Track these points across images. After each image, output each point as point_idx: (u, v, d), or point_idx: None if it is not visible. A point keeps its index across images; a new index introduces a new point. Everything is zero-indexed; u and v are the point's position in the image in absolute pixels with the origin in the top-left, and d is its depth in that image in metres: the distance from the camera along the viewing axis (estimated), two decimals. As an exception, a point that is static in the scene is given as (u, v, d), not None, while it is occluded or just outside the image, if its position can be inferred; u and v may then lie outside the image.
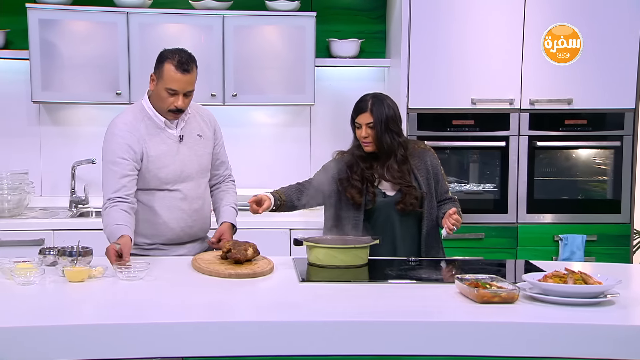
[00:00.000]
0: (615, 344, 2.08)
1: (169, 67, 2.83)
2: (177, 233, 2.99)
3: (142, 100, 2.98)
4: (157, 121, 2.93)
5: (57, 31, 4.15)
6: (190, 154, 2.99)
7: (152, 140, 2.91)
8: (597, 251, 4.20)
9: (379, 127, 3.04)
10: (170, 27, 4.25)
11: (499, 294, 2.27)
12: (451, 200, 3.19)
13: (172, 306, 2.28)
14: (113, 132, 2.90)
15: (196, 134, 3.02)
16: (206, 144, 3.05)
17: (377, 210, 3.10)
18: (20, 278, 2.42)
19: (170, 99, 2.85)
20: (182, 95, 2.86)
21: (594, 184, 4.31)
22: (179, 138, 2.96)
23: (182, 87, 2.84)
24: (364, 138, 3.07)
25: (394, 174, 3.07)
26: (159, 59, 2.89)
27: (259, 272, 2.61)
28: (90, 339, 2.03)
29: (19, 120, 4.48)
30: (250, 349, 2.07)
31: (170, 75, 2.82)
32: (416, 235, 3.13)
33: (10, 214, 4.11)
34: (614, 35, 4.13)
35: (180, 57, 2.85)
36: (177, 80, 2.83)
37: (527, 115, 4.17)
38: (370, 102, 3.06)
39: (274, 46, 4.31)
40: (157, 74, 2.87)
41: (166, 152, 2.93)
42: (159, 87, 2.86)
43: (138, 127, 2.90)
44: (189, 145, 2.99)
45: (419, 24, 4.10)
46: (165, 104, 2.87)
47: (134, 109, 2.98)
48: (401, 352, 2.09)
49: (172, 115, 2.91)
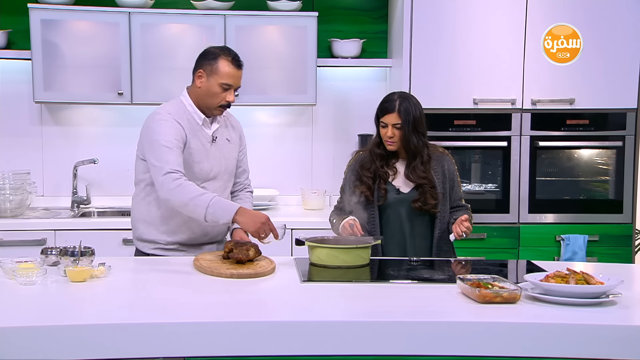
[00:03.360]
0: (617, 344, 2.08)
1: (225, 62, 2.90)
2: (196, 233, 2.98)
3: (181, 96, 3.00)
4: (196, 118, 2.96)
5: (59, 31, 4.15)
6: (219, 156, 3.01)
7: (192, 135, 2.93)
8: (599, 251, 4.20)
9: (407, 129, 3.04)
10: (172, 27, 4.26)
11: (500, 294, 2.27)
12: (464, 207, 3.21)
13: (174, 306, 2.28)
14: (160, 118, 2.89)
15: (225, 137, 3.05)
16: (233, 148, 3.09)
17: (389, 207, 3.11)
18: (22, 278, 2.42)
19: (224, 94, 2.91)
20: (233, 90, 2.93)
21: (596, 184, 4.30)
22: (212, 138, 2.99)
23: (236, 82, 2.93)
24: (390, 138, 3.07)
25: (419, 174, 3.08)
26: (209, 56, 2.93)
27: (261, 273, 2.61)
28: (92, 339, 2.03)
29: (21, 120, 4.48)
30: (253, 349, 2.07)
31: (226, 70, 2.89)
32: (427, 236, 3.14)
33: (12, 214, 4.11)
34: (614, 35, 4.13)
35: (233, 53, 2.94)
36: (233, 76, 2.91)
37: (529, 115, 4.17)
38: (397, 103, 3.06)
39: (276, 46, 4.32)
40: (208, 70, 2.91)
41: (201, 149, 2.95)
42: (212, 82, 2.90)
43: (182, 118, 2.92)
44: (219, 146, 3.02)
45: (420, 24, 4.10)
46: (217, 99, 2.92)
47: (175, 103, 2.99)
48: (403, 352, 2.09)
49: (219, 110, 2.96)
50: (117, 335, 2.04)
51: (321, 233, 3.25)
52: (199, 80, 2.94)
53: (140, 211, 3.03)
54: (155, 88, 4.22)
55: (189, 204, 2.74)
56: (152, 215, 2.99)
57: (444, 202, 3.12)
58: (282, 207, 4.48)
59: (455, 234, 2.98)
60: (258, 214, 2.78)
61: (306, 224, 3.98)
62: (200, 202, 2.73)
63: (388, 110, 3.07)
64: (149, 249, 3.02)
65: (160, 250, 3.00)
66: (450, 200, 3.16)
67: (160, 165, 2.79)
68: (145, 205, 2.99)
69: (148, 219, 3.00)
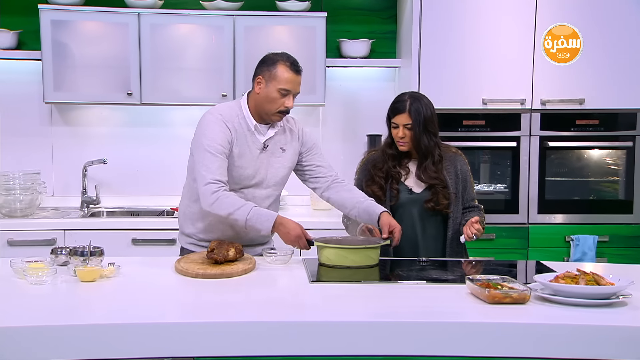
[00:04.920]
0: (627, 345, 2.07)
1: (284, 68, 2.88)
2: (229, 236, 2.95)
3: (241, 100, 3.00)
4: (249, 123, 2.95)
5: (69, 32, 4.17)
6: (267, 165, 2.98)
7: (239, 139, 2.92)
8: (609, 252, 4.18)
9: (417, 129, 3.04)
10: (181, 27, 4.27)
11: (510, 294, 2.26)
12: (477, 208, 3.20)
13: (183, 306, 2.28)
14: (211, 120, 2.89)
15: (280, 147, 3.02)
16: (287, 158, 3.04)
17: (401, 207, 3.10)
18: (32, 278, 2.43)
19: (282, 99, 2.89)
20: (292, 96, 2.91)
21: (605, 184, 4.29)
22: (263, 146, 2.97)
23: (295, 88, 2.91)
24: (401, 138, 3.07)
25: (430, 174, 3.08)
26: (267, 62, 2.91)
27: (227, 274, 2.60)
28: (102, 339, 2.04)
29: (31, 121, 4.51)
30: (261, 349, 2.07)
31: (285, 76, 2.87)
32: (439, 237, 3.13)
33: (23, 213, 4.13)
34: (618, 35, 4.11)
35: (292, 58, 2.92)
36: (291, 81, 2.89)
37: (538, 115, 4.15)
38: (408, 103, 3.06)
39: (285, 46, 4.28)
40: (267, 76, 2.89)
41: (247, 155, 2.93)
42: (270, 88, 2.88)
43: (232, 121, 2.91)
44: (269, 155, 2.98)
45: (429, 24, 4.10)
46: (275, 105, 2.90)
47: (231, 104, 3.00)
48: (412, 353, 2.09)
49: (278, 116, 2.93)
50: (127, 335, 2.04)
51: (330, 233, 3.26)
52: (257, 86, 2.92)
53: (185, 203, 3.07)
54: (164, 88, 4.24)
55: (228, 217, 2.77)
56: (191, 210, 3.01)
57: (457, 202, 3.11)
58: (291, 208, 4.49)
59: (466, 235, 2.97)
60: (294, 226, 2.78)
61: (315, 224, 3.97)
62: (239, 215, 2.74)
63: (399, 111, 3.06)
64: (185, 243, 3.05)
65: (194, 246, 3.01)
66: (462, 201, 3.15)
67: (202, 174, 2.80)
68: (188, 199, 3.02)
69: (188, 212, 3.04)
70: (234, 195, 2.81)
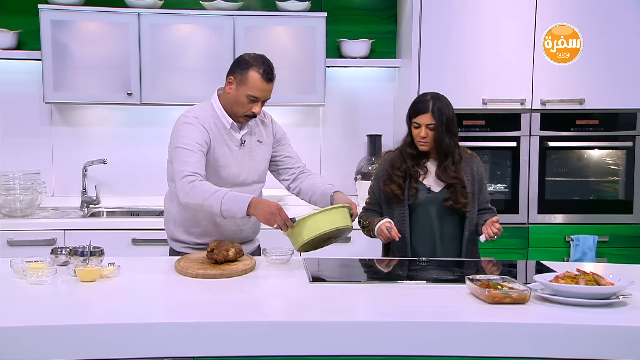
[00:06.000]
0: (627, 345, 2.07)
1: (255, 75, 2.86)
2: (226, 236, 2.97)
3: (211, 99, 2.99)
4: (224, 122, 2.95)
5: (69, 32, 4.17)
6: (248, 160, 2.99)
7: (218, 140, 2.92)
8: (609, 252, 4.18)
9: (440, 129, 3.04)
10: (181, 27, 4.27)
11: (510, 294, 2.26)
12: (491, 210, 3.21)
13: (183, 306, 2.28)
14: (186, 121, 2.89)
15: (256, 139, 3.03)
16: (265, 149, 3.06)
17: (419, 206, 3.10)
18: (32, 278, 2.44)
19: (250, 105, 2.88)
20: (261, 102, 2.90)
21: (605, 184, 4.29)
22: (240, 142, 2.97)
23: (264, 95, 2.90)
24: (422, 138, 3.06)
25: (450, 173, 3.08)
26: (241, 65, 2.89)
27: (227, 274, 2.60)
28: (102, 339, 2.04)
29: (31, 121, 4.50)
30: (261, 349, 2.07)
31: (255, 83, 2.86)
32: (456, 236, 3.13)
33: (23, 213, 4.13)
34: (618, 36, 4.11)
35: (266, 65, 2.88)
36: (262, 89, 2.87)
37: (538, 115, 4.15)
38: (431, 103, 3.05)
39: (285, 46, 4.32)
40: (239, 79, 2.88)
41: (227, 154, 2.94)
42: (240, 92, 2.88)
43: (208, 123, 2.91)
44: (248, 150, 3.00)
45: (429, 24, 4.09)
46: (243, 109, 2.90)
47: (204, 106, 2.99)
48: (412, 353, 2.09)
49: (245, 119, 2.94)
50: (127, 335, 2.04)
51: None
52: (228, 86, 2.92)
53: (171, 212, 3.05)
54: (164, 88, 4.24)
55: (204, 204, 2.73)
56: (181, 217, 3.00)
57: (473, 202, 3.12)
58: (292, 207, 4.48)
59: (487, 235, 2.96)
60: (270, 204, 2.72)
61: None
62: (214, 200, 2.71)
63: (421, 111, 3.05)
64: (179, 248, 3.04)
65: (190, 249, 3.01)
66: (477, 202, 3.15)
67: (179, 169, 2.79)
68: (176, 206, 3.00)
69: (178, 220, 3.02)
70: (210, 184, 2.77)
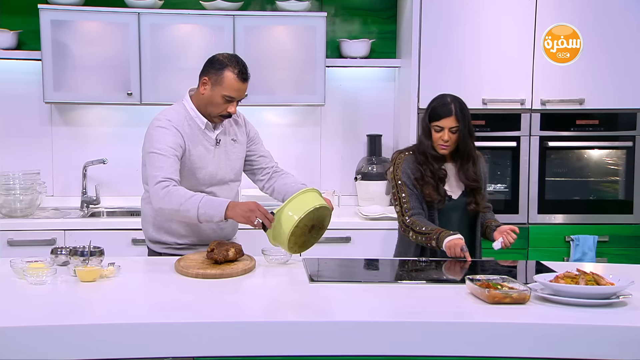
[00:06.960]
0: (627, 345, 2.07)
1: (230, 75, 2.85)
2: (208, 234, 2.99)
3: (183, 101, 2.99)
4: (199, 123, 2.94)
5: (69, 32, 4.17)
6: (224, 158, 3.00)
7: (193, 141, 2.92)
8: (609, 252, 4.18)
9: (465, 131, 3.02)
10: (181, 27, 4.27)
11: (510, 294, 2.26)
12: (489, 208, 3.22)
13: (183, 306, 2.28)
14: (159, 125, 2.87)
15: (231, 138, 3.03)
16: (240, 148, 3.07)
17: (441, 213, 3.10)
18: (32, 278, 2.44)
19: (225, 105, 2.88)
20: (236, 102, 2.90)
21: (605, 184, 4.29)
22: (215, 141, 2.97)
23: (240, 95, 2.90)
24: (445, 142, 3.03)
25: (472, 175, 3.08)
26: (215, 65, 2.88)
27: (227, 274, 2.60)
28: (102, 339, 2.04)
29: (31, 121, 4.50)
30: (261, 349, 2.07)
31: (231, 83, 2.85)
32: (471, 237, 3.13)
33: (23, 213, 4.13)
34: (618, 36, 4.11)
35: (241, 65, 2.88)
36: (237, 89, 2.87)
37: (538, 115, 4.15)
38: (453, 106, 3.02)
39: (285, 46, 4.32)
40: (213, 79, 2.87)
41: (204, 154, 2.94)
42: (215, 92, 2.87)
43: (182, 125, 2.90)
44: (224, 149, 3.00)
45: (429, 24, 4.10)
46: (218, 109, 2.89)
47: (177, 108, 2.97)
48: (412, 353, 2.09)
49: (220, 119, 2.94)
50: (127, 335, 2.04)
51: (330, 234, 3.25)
52: (203, 87, 2.91)
53: (149, 214, 3.04)
54: (164, 88, 4.23)
55: (180, 209, 2.71)
56: (159, 219, 3.00)
57: None
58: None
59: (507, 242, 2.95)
60: (247, 202, 2.70)
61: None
62: (190, 205, 2.69)
63: (445, 114, 3.02)
64: (160, 249, 3.03)
65: (172, 249, 3.01)
66: None
67: (153, 175, 2.78)
68: (152, 209, 2.99)
69: (157, 222, 3.02)
70: (185, 189, 2.76)
